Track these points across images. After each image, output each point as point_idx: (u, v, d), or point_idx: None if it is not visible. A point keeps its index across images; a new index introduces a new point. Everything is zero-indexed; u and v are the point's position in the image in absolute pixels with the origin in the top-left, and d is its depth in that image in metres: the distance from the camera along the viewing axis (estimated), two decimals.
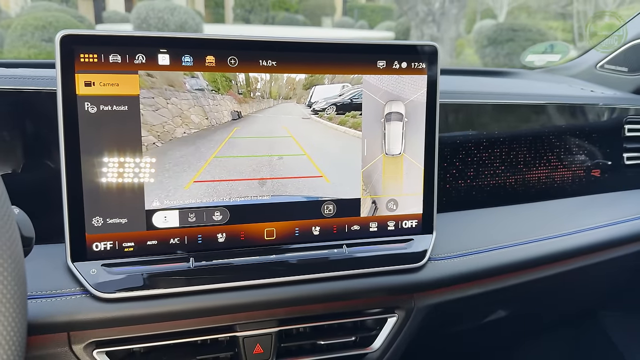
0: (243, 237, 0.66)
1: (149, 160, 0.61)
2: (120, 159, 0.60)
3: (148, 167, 0.61)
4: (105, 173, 0.60)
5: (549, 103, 0.94)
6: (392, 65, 0.68)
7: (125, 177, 0.60)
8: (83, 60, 0.57)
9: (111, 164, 0.60)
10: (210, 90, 0.62)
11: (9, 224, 0.37)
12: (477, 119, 0.88)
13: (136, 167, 0.61)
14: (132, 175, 0.61)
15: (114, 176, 0.60)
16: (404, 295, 0.74)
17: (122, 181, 0.60)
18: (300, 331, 0.72)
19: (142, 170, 0.61)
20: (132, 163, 0.60)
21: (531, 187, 0.92)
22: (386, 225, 0.72)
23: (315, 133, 0.67)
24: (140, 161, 0.61)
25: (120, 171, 0.60)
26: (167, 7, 10.15)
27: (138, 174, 0.61)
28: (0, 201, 0.37)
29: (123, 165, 0.60)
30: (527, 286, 0.83)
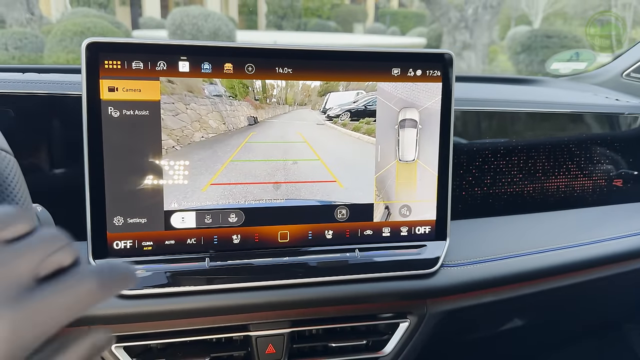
0: (257, 239, 0.68)
1: (168, 163, 0.63)
2: (140, 161, 0.62)
3: (167, 170, 0.63)
4: (126, 174, 0.62)
5: (571, 111, 0.93)
6: (407, 73, 0.69)
7: (145, 178, 0.63)
8: (107, 66, 0.60)
9: (132, 166, 0.62)
10: (228, 97, 0.64)
11: None
12: (496, 127, 0.88)
13: (156, 170, 0.63)
14: (152, 177, 0.63)
15: (135, 177, 0.63)
16: (416, 300, 0.74)
17: (143, 182, 0.63)
18: (312, 333, 0.73)
19: (162, 172, 0.63)
20: (152, 165, 0.63)
21: (550, 196, 0.92)
22: (399, 231, 0.72)
23: (329, 139, 0.68)
24: (159, 164, 0.63)
25: (141, 173, 0.63)
26: (201, 13, 10.35)
27: (157, 176, 0.63)
28: (22, 199, 0.39)
29: (143, 167, 0.63)
30: (545, 295, 0.83)
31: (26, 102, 0.66)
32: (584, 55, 1.19)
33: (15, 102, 0.65)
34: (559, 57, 1.20)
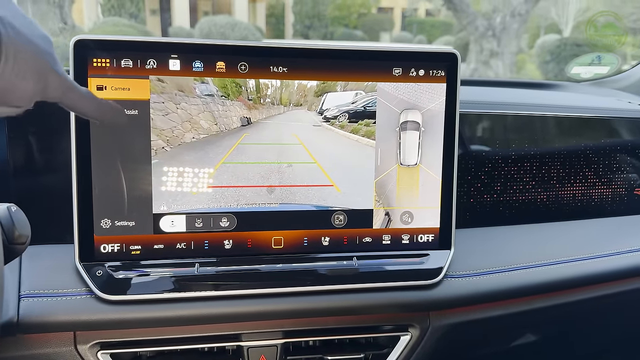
0: (250, 244, 0.65)
1: (158, 164, 0.61)
2: (129, 163, 0.61)
3: (156, 171, 0.61)
4: (114, 176, 0.60)
5: (589, 116, 0.88)
6: (409, 73, 0.66)
7: (133, 180, 0.61)
8: (96, 64, 0.59)
9: (120, 167, 0.61)
10: (220, 96, 0.62)
11: None
12: (507, 131, 0.84)
13: (145, 171, 0.61)
14: (140, 178, 0.61)
15: (123, 179, 0.61)
16: (418, 312, 0.70)
17: (131, 184, 0.61)
18: (308, 344, 0.70)
19: (151, 174, 0.61)
20: (141, 167, 0.61)
21: (565, 205, 0.87)
22: (400, 239, 0.69)
23: (326, 141, 0.65)
24: (149, 165, 0.61)
25: (129, 174, 0.61)
26: (228, 22, 10.50)
27: (146, 177, 0.61)
28: None
29: (132, 169, 0.61)
30: (558, 310, 0.78)
31: None
32: (607, 59, 1.13)
33: None
34: (580, 60, 1.15)
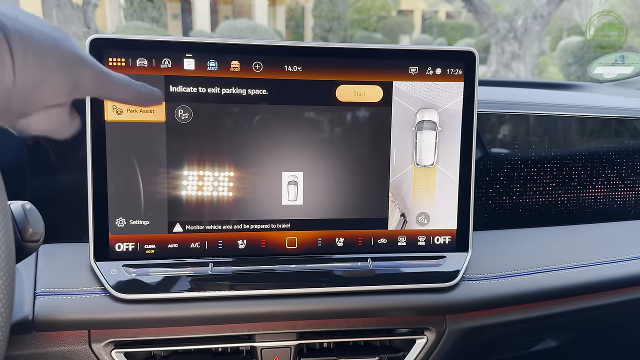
0: (264, 244, 0.65)
1: (173, 162, 0.61)
2: (144, 161, 0.61)
3: (171, 170, 0.61)
4: (129, 175, 0.61)
5: (611, 116, 0.86)
6: (426, 71, 0.65)
7: (149, 179, 0.61)
8: (111, 63, 0.59)
9: (135, 166, 0.61)
10: (235, 96, 0.62)
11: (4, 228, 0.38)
12: (526, 131, 0.82)
13: (160, 170, 0.61)
14: (155, 177, 0.61)
15: (138, 178, 0.61)
16: (434, 316, 0.69)
17: (146, 183, 0.61)
18: (322, 346, 0.69)
19: (166, 173, 0.61)
20: (156, 165, 0.61)
21: (586, 208, 0.85)
22: (416, 240, 0.68)
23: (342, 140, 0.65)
24: (164, 164, 0.61)
25: (144, 173, 0.61)
26: (248, 26, 10.59)
27: (161, 176, 0.61)
28: None
29: (147, 168, 0.61)
30: (579, 314, 0.76)
31: None
32: (630, 58, 1.11)
33: None
34: (602, 60, 1.12)
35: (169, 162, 0.61)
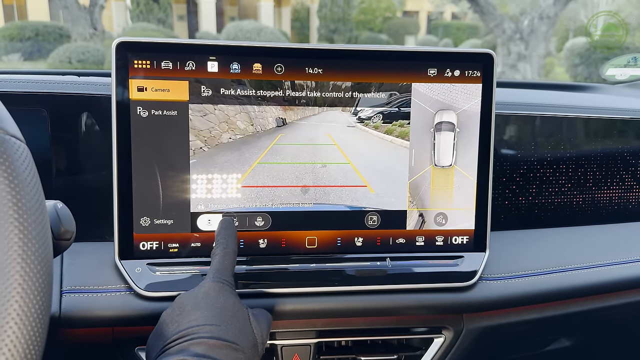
0: (284, 244, 0.66)
1: (196, 163, 0.62)
2: (168, 162, 0.62)
3: (194, 171, 0.62)
4: (154, 175, 0.62)
5: (626, 118, 0.86)
6: (444, 73, 0.66)
7: (172, 179, 0.62)
8: (137, 66, 0.60)
9: (160, 167, 0.62)
10: (257, 97, 0.63)
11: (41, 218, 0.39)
12: (543, 133, 0.83)
13: (183, 170, 0.62)
14: (179, 178, 0.62)
15: (162, 178, 0.62)
16: (452, 315, 0.70)
17: (170, 183, 0.62)
18: (341, 344, 0.70)
19: (189, 173, 0.62)
20: (179, 166, 0.62)
21: (602, 208, 0.85)
22: (434, 240, 0.68)
23: (360, 142, 0.66)
24: (187, 164, 0.62)
25: (168, 174, 0.62)
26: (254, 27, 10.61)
27: (185, 177, 0.62)
28: (34, 191, 0.39)
29: (171, 168, 0.62)
30: (596, 314, 0.77)
31: (58, 101, 0.67)
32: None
33: (48, 101, 0.66)
34: (615, 62, 1.12)
35: (192, 165, 0.62)
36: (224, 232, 0.58)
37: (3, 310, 0.35)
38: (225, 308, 0.52)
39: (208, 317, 0.50)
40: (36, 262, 0.37)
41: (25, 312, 0.36)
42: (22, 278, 0.36)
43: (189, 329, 0.49)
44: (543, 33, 8.73)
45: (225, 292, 0.53)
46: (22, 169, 0.38)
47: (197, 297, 0.52)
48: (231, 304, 0.53)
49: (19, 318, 0.36)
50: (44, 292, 0.38)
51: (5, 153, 0.37)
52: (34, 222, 0.38)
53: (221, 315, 0.51)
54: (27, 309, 0.36)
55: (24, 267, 0.36)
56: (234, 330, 0.50)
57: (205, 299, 0.52)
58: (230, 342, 0.48)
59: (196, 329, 0.49)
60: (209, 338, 0.48)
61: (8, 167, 0.37)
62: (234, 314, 0.52)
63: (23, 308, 0.36)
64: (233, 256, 0.57)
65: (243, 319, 0.52)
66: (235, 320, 0.51)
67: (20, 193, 0.37)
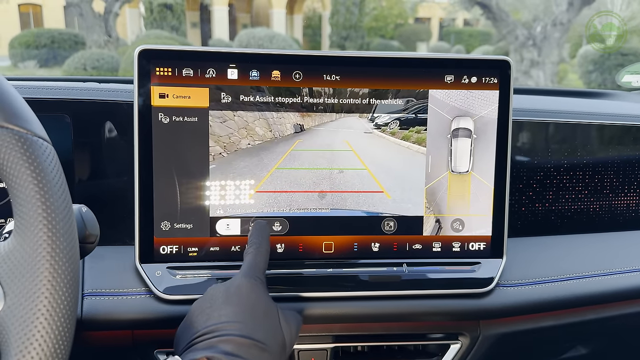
0: (301, 248, 0.66)
1: (215, 169, 0.63)
2: (188, 167, 0.63)
3: (214, 176, 0.63)
4: (174, 180, 0.63)
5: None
6: (461, 80, 0.66)
7: (192, 184, 0.63)
8: (159, 73, 0.61)
9: (180, 172, 0.63)
10: (275, 104, 0.64)
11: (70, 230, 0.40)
12: (559, 139, 0.83)
13: (203, 176, 0.63)
14: (199, 183, 0.63)
15: (183, 183, 0.63)
16: (469, 321, 0.70)
17: (190, 188, 0.63)
18: (357, 350, 0.71)
19: (209, 178, 0.63)
20: (199, 171, 0.63)
21: (618, 215, 0.85)
22: (451, 246, 0.69)
23: (377, 148, 0.66)
24: (207, 170, 0.63)
25: (189, 179, 0.63)
26: (266, 35, 10.68)
27: (204, 182, 0.63)
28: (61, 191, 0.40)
29: (191, 173, 0.63)
30: (613, 322, 0.76)
31: (81, 108, 0.68)
32: None
33: (71, 108, 0.68)
34: (631, 68, 1.12)
35: (212, 170, 0.63)
36: (257, 232, 0.59)
37: (33, 307, 0.36)
38: (256, 306, 0.52)
39: (238, 314, 0.50)
40: (64, 259, 0.38)
41: (55, 307, 0.37)
42: (51, 275, 0.37)
43: (218, 325, 0.49)
44: (556, 39, 8.70)
45: (257, 290, 0.53)
46: (50, 169, 0.39)
47: (229, 291, 0.52)
48: (262, 302, 0.53)
49: (48, 314, 0.37)
50: (72, 290, 0.39)
51: (34, 154, 0.38)
52: (62, 220, 0.39)
53: (252, 313, 0.51)
54: (55, 304, 0.37)
55: (53, 264, 0.37)
56: (263, 330, 0.50)
57: (237, 294, 0.52)
58: (259, 341, 0.49)
59: (226, 325, 0.49)
60: (238, 336, 0.48)
61: (37, 167, 0.38)
62: (265, 313, 0.52)
63: (52, 304, 0.37)
64: (266, 255, 0.57)
65: (273, 318, 0.52)
66: (266, 319, 0.51)
67: (48, 192, 0.38)
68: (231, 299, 0.51)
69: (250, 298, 0.52)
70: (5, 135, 0.37)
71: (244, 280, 0.54)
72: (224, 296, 0.52)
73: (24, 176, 0.38)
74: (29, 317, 0.36)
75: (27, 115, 0.40)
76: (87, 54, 8.11)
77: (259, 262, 0.56)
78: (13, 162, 0.38)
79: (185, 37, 14.26)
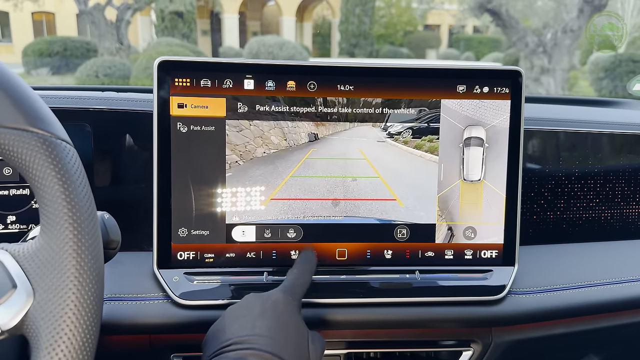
0: (315, 255, 0.67)
1: (231, 177, 0.65)
2: (205, 175, 0.64)
3: (230, 184, 0.65)
4: (192, 187, 0.64)
5: None
6: (473, 90, 0.67)
7: (209, 192, 0.65)
8: (177, 84, 0.63)
9: (197, 179, 0.64)
10: (290, 113, 0.65)
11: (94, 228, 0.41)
12: (571, 148, 0.83)
13: (220, 183, 0.65)
14: (215, 190, 0.65)
15: (200, 190, 0.65)
16: (481, 328, 0.70)
17: (206, 195, 0.65)
18: (369, 356, 0.71)
19: (225, 186, 0.65)
20: (216, 179, 0.65)
21: (630, 224, 0.85)
22: (463, 254, 0.69)
23: (390, 156, 0.67)
24: (223, 178, 0.65)
25: (206, 186, 0.65)
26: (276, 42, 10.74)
27: (221, 189, 0.65)
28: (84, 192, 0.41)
29: (208, 181, 0.65)
30: (625, 330, 0.76)
31: (102, 117, 0.70)
32: None
33: (92, 117, 0.69)
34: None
35: (228, 178, 0.65)
36: (304, 259, 0.63)
37: (62, 302, 0.38)
38: (289, 324, 0.53)
39: (271, 329, 0.51)
40: (90, 255, 0.40)
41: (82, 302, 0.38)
42: (77, 271, 0.39)
43: (252, 337, 0.50)
44: (567, 46, 8.66)
45: (292, 309, 0.54)
46: (74, 170, 0.41)
47: (265, 304, 0.53)
48: (295, 322, 0.54)
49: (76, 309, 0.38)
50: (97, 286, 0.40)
51: (58, 156, 0.40)
52: (87, 218, 0.40)
53: (284, 331, 0.51)
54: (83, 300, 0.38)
55: (79, 260, 0.39)
56: (293, 349, 0.51)
57: (272, 309, 0.53)
58: None
59: (258, 339, 0.49)
60: (268, 352, 0.48)
61: (61, 168, 0.40)
62: (296, 333, 0.53)
63: (80, 299, 0.38)
64: (308, 281, 0.60)
65: (302, 340, 0.53)
66: (296, 339, 0.52)
67: (73, 192, 0.40)
68: (267, 313, 0.52)
69: (285, 315, 0.53)
70: (30, 138, 0.39)
71: (281, 296, 0.55)
72: (260, 309, 0.53)
73: (49, 177, 0.39)
74: (58, 312, 0.38)
75: (50, 119, 0.41)
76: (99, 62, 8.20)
77: (300, 284, 0.58)
78: (38, 164, 0.39)
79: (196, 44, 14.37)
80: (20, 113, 0.39)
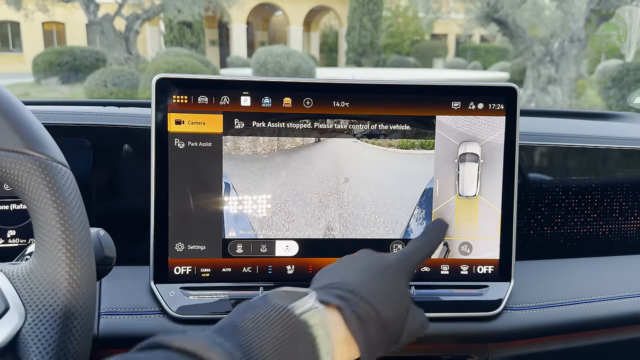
0: (311, 270, 0.68)
1: (228, 192, 0.65)
2: (202, 191, 0.65)
3: (226, 199, 0.66)
4: (189, 202, 0.65)
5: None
6: (468, 106, 0.68)
7: (206, 207, 0.65)
8: (175, 101, 0.64)
9: (194, 195, 0.65)
10: (286, 129, 0.66)
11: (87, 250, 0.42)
12: (568, 162, 0.83)
13: (217, 199, 0.65)
14: (212, 205, 0.65)
15: (197, 206, 0.65)
16: (477, 344, 0.70)
17: (204, 210, 0.65)
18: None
19: (222, 201, 0.65)
20: (213, 195, 0.65)
21: (628, 239, 0.85)
22: (459, 269, 0.70)
23: (384, 173, 0.68)
24: (220, 193, 0.65)
25: (202, 201, 0.65)
26: (283, 52, 10.80)
27: (218, 204, 0.65)
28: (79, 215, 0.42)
29: (205, 196, 0.65)
30: (622, 346, 0.76)
31: (101, 133, 0.71)
32: None
33: (91, 132, 0.71)
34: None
35: (225, 190, 0.65)
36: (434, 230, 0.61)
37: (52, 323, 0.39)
38: (394, 288, 0.52)
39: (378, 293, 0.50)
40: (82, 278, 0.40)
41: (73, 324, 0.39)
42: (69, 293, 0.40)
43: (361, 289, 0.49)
44: (574, 56, 8.65)
45: (401, 277, 0.53)
46: (68, 193, 0.41)
47: (377, 265, 0.53)
48: (400, 288, 0.52)
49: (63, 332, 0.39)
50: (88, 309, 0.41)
51: (53, 178, 0.41)
52: (80, 242, 0.41)
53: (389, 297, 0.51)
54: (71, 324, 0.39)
55: (71, 282, 0.40)
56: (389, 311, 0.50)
57: (384, 273, 0.52)
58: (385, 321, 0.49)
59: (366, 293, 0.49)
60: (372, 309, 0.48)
61: (56, 191, 0.41)
62: (399, 299, 0.52)
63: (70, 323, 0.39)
64: (428, 254, 0.58)
65: (402, 308, 0.52)
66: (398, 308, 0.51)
67: (67, 215, 0.41)
68: (379, 276, 0.52)
69: (392, 280, 0.52)
70: (26, 161, 0.40)
71: (394, 261, 0.54)
72: (375, 269, 0.52)
73: (44, 200, 0.40)
74: (48, 332, 0.39)
75: (47, 142, 0.42)
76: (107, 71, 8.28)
77: (417, 256, 0.56)
78: (34, 186, 0.40)
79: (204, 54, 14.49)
80: (18, 136, 0.40)
